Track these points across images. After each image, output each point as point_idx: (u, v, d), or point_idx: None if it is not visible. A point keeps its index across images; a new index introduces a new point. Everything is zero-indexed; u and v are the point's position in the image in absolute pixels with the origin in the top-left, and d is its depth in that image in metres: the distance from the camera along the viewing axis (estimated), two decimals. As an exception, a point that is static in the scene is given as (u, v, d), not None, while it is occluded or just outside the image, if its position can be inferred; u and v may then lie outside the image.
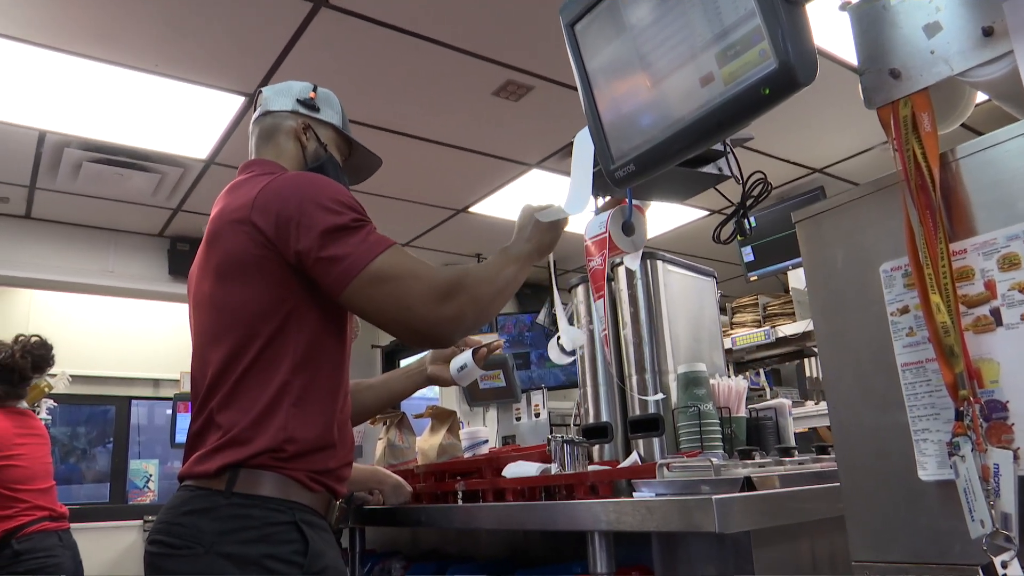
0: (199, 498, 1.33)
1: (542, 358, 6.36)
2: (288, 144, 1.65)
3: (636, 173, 1.26)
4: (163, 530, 1.33)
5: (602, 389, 2.34)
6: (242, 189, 1.48)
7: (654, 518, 1.39)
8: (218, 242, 1.44)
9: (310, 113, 1.70)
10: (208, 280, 1.46)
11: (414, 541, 2.79)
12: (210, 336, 1.43)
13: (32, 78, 3.25)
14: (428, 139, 3.97)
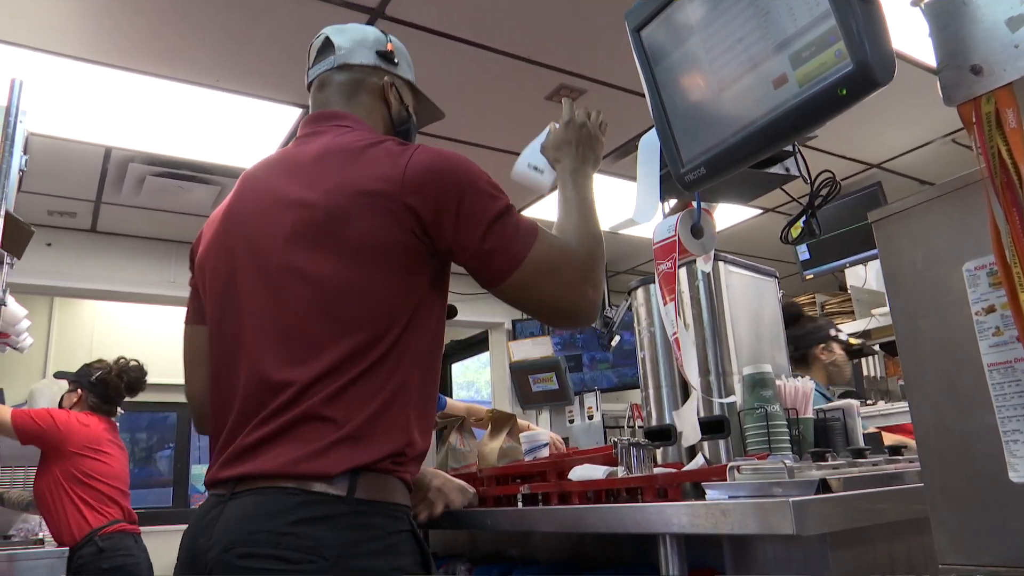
0: (312, 505, 1.14)
1: (594, 360, 6.35)
2: (376, 104, 1.51)
3: (706, 176, 1.27)
4: (266, 541, 1.11)
5: (664, 391, 2.33)
6: (367, 155, 1.31)
7: (728, 521, 1.39)
8: (341, 214, 1.24)
9: (392, 69, 1.56)
10: (319, 254, 1.25)
11: (473, 544, 2.81)
12: (323, 320, 1.23)
13: (99, 96, 3.37)
14: (481, 145, 4.00)
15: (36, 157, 3.16)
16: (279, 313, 1.26)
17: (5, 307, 2.33)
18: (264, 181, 1.39)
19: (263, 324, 1.27)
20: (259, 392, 1.24)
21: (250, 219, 1.35)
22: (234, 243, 1.35)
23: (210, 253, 1.40)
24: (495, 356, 6.60)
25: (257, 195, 1.38)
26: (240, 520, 1.16)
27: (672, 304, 1.55)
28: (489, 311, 6.35)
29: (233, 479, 1.21)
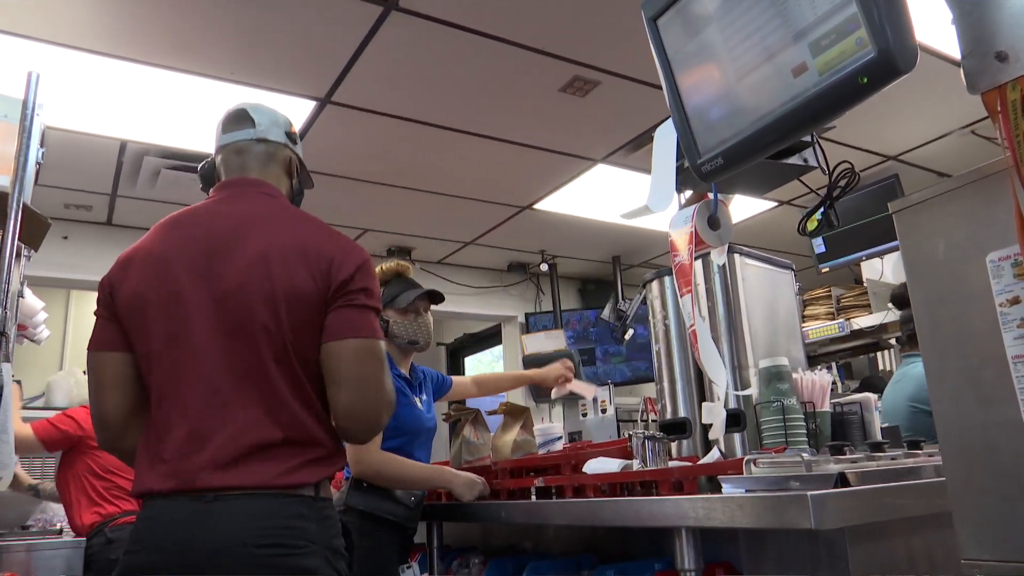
0: (297, 503, 1.43)
1: (608, 354, 6.33)
2: (282, 174, 1.75)
3: (724, 167, 1.26)
4: (274, 534, 1.39)
5: (679, 384, 2.32)
6: (284, 221, 1.60)
7: (745, 515, 1.38)
8: (272, 267, 1.48)
9: (294, 148, 1.79)
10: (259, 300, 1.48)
11: (487, 537, 2.81)
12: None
13: (114, 90, 3.38)
14: (494, 137, 3.99)
15: (52, 151, 3.17)
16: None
17: (23, 299, 2.34)
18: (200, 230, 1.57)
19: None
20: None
21: (196, 264, 1.51)
22: (179, 284, 1.50)
23: (148, 289, 1.53)
24: (508, 349, 6.60)
25: (196, 243, 1.54)
26: (246, 518, 1.38)
27: (689, 296, 1.54)
28: (501, 305, 6.35)
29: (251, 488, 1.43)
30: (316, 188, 4.47)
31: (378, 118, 3.73)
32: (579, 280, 6.83)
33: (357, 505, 2.17)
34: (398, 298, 2.45)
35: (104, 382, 1.55)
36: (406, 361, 2.50)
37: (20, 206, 1.77)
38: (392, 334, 2.42)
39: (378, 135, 3.91)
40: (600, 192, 4.76)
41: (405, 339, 2.45)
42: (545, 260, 6.08)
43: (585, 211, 5.13)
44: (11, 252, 1.73)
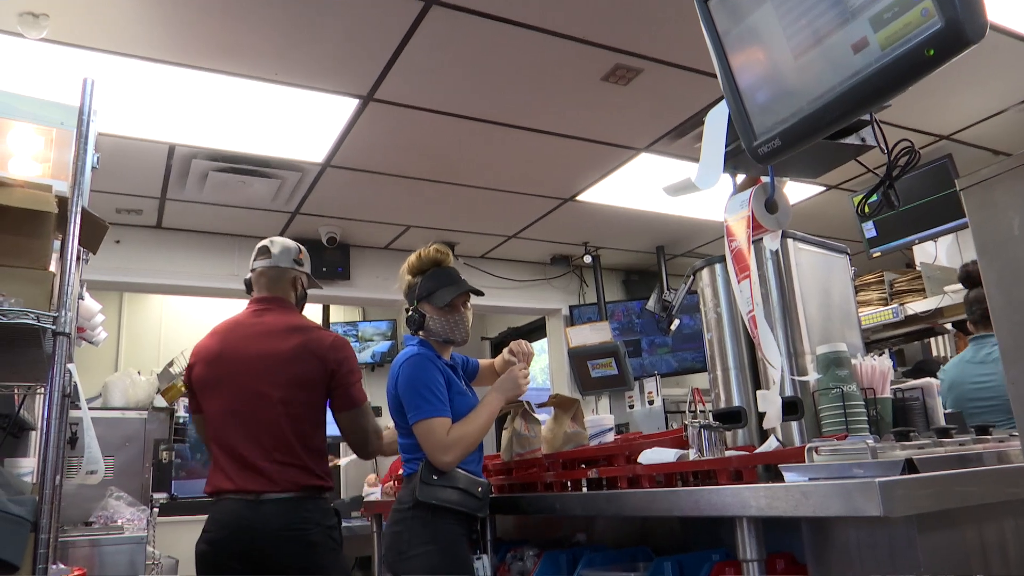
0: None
1: (654, 345, 6.29)
2: (289, 288, 2.59)
3: (782, 148, 1.23)
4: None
5: (733, 373, 2.29)
6: (310, 331, 2.49)
7: (810, 503, 1.35)
8: (292, 360, 2.39)
9: (299, 268, 2.61)
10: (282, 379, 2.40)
11: (539, 530, 2.80)
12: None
13: (162, 94, 3.44)
14: (536, 129, 3.97)
15: (103, 156, 3.22)
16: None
17: (82, 302, 2.39)
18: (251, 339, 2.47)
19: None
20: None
21: (242, 357, 2.43)
22: (231, 370, 2.43)
23: (213, 374, 2.47)
24: (553, 342, 6.58)
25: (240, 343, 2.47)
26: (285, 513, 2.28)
27: (747, 282, 1.51)
28: (545, 297, 6.34)
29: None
30: (360, 186, 4.53)
31: (420, 114, 3.74)
32: (623, 271, 6.78)
33: (430, 499, 2.12)
34: (435, 295, 2.36)
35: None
36: (446, 351, 2.43)
37: (79, 210, 1.81)
38: (428, 329, 2.37)
39: (420, 131, 3.93)
40: (643, 181, 4.71)
41: (441, 336, 2.38)
42: (588, 252, 6.04)
43: (628, 201, 5.08)
44: (72, 255, 1.77)
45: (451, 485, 2.15)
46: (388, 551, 2.19)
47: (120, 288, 5.55)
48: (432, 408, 2.18)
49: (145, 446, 4.39)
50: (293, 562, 2.26)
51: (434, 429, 2.16)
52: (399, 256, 5.90)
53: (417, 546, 2.11)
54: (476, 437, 2.25)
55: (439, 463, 2.15)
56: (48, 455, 1.67)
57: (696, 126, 3.95)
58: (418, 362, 2.26)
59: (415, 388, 2.21)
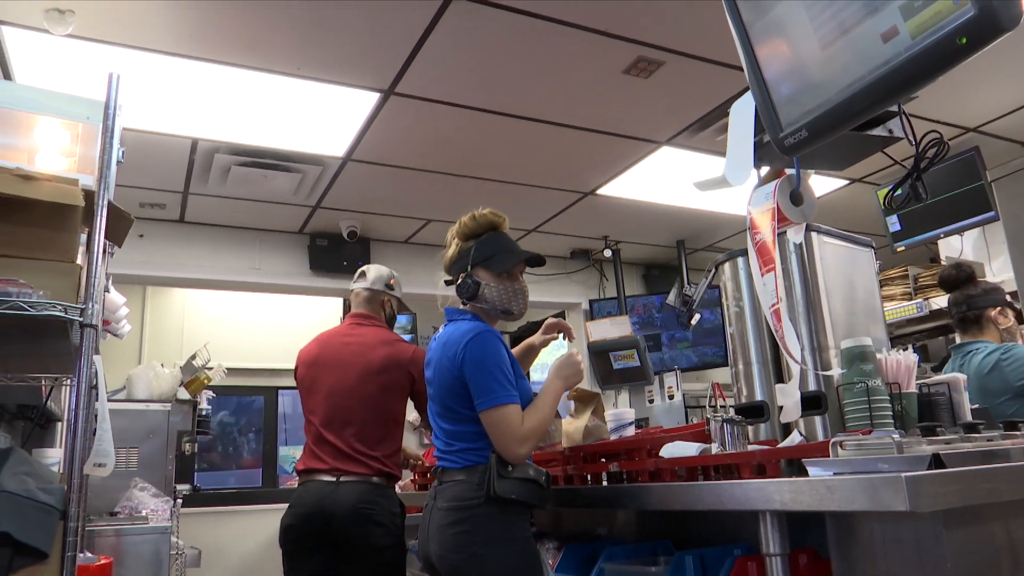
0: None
1: (674, 340, 6.26)
2: (380, 308, 3.00)
3: (808, 139, 1.22)
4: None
5: (755, 367, 2.27)
6: (396, 344, 2.90)
7: (835, 497, 1.34)
8: (381, 372, 2.79)
9: (390, 292, 3.01)
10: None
11: (559, 524, 2.81)
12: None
13: (185, 89, 3.47)
14: (557, 123, 3.96)
15: (127, 151, 3.27)
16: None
17: (107, 295, 2.42)
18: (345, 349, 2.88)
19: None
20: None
21: (342, 365, 2.84)
22: (327, 372, 2.86)
23: (317, 373, 2.88)
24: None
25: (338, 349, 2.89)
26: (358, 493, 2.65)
27: (771, 275, 1.50)
28: (565, 291, 6.33)
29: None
30: (381, 180, 4.53)
31: (440, 108, 3.74)
32: (643, 265, 6.76)
33: (508, 495, 1.91)
34: (494, 259, 2.15)
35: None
36: (494, 327, 2.18)
37: (106, 203, 1.83)
38: (483, 298, 2.13)
39: (440, 125, 3.93)
40: (664, 175, 4.69)
41: (499, 307, 2.15)
42: (608, 246, 6.03)
43: (649, 195, 5.06)
44: (99, 248, 1.79)
45: (524, 477, 1.95)
46: (452, 552, 1.94)
47: (143, 282, 5.60)
48: (506, 394, 1.96)
49: (168, 438, 4.43)
50: (359, 537, 2.61)
51: (510, 418, 1.94)
52: (419, 250, 5.94)
53: (493, 546, 1.90)
54: (545, 428, 2.08)
55: (512, 455, 1.94)
56: (76, 445, 1.70)
57: (718, 119, 3.93)
58: (488, 339, 2.01)
59: (487, 369, 1.96)
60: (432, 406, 2.15)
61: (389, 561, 2.68)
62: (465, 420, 2.01)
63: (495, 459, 1.94)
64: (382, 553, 2.65)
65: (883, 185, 4.67)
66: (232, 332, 6.31)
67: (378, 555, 2.65)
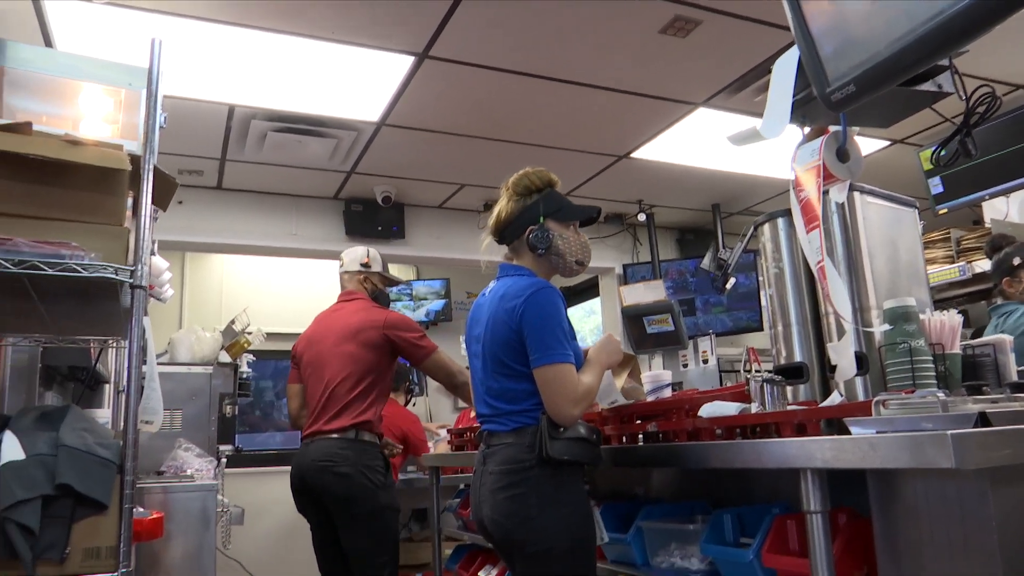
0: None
1: (708, 304, 6.23)
2: (360, 286, 3.31)
3: (856, 94, 1.20)
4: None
5: (795, 329, 2.26)
6: (372, 310, 3.21)
7: (878, 455, 1.34)
8: (355, 335, 3.07)
9: (366, 270, 3.33)
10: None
11: (592, 484, 2.83)
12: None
13: (222, 55, 3.49)
14: (592, 84, 3.93)
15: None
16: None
17: (152, 258, 2.47)
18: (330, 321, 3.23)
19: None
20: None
21: (328, 334, 3.15)
22: (315, 343, 3.19)
23: (305, 348, 3.23)
24: (606, 301, 6.57)
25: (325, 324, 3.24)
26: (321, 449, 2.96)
27: (816, 232, 1.49)
28: (598, 256, 6.29)
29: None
30: (414, 145, 4.54)
31: (474, 71, 3.73)
32: (677, 229, 6.71)
33: (562, 456, 1.87)
34: (564, 211, 2.12)
35: (291, 396, 3.27)
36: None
37: (152, 167, 1.86)
38: (556, 250, 2.09)
39: (474, 88, 3.92)
40: (700, 137, 4.64)
41: (572, 257, 2.11)
42: (643, 210, 5.99)
43: (684, 158, 5.01)
44: (147, 211, 1.83)
45: (576, 437, 1.90)
46: (506, 517, 1.91)
47: (183, 248, 5.70)
48: (564, 352, 1.90)
49: (211, 400, 4.54)
50: (322, 490, 2.88)
51: (567, 376, 1.89)
52: (453, 215, 5.96)
53: (547, 508, 1.87)
54: (593, 398, 2.04)
55: (565, 416, 1.89)
56: (130, 402, 1.75)
57: (756, 79, 3.86)
58: (550, 294, 1.96)
59: (548, 326, 1.91)
60: (478, 364, 2.11)
61: (365, 513, 2.86)
62: (517, 377, 1.96)
63: (546, 420, 1.89)
64: (352, 504, 2.86)
65: (925, 146, 4.57)
66: (269, 297, 6.40)
67: (348, 505, 2.87)
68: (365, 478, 2.87)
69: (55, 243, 1.72)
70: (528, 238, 2.08)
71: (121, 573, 1.68)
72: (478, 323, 2.13)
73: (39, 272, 1.70)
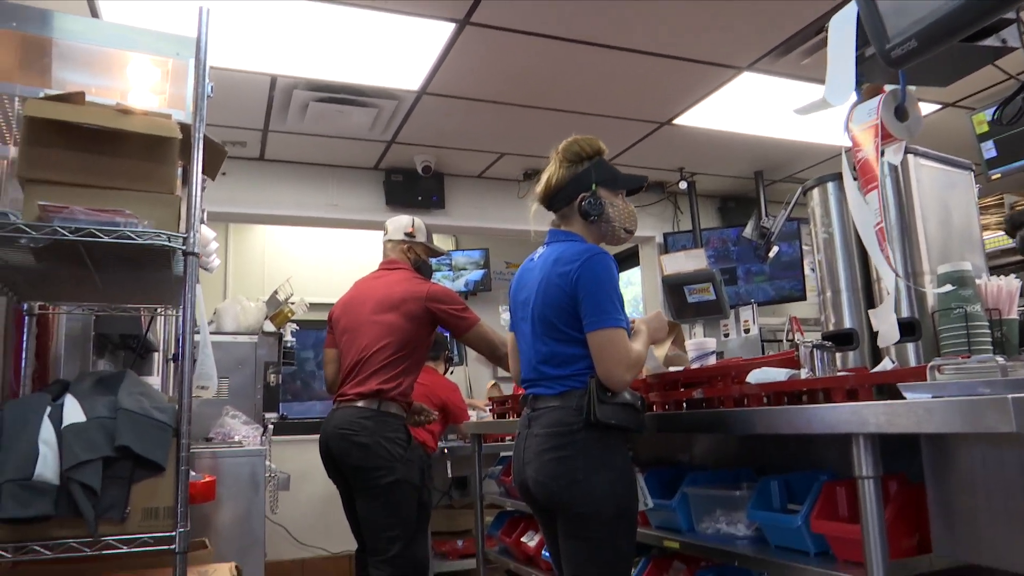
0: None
1: (750, 273, 6.16)
2: (403, 256, 3.28)
3: (917, 50, 1.16)
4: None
5: (844, 295, 2.24)
6: (414, 280, 3.17)
7: (934, 420, 1.32)
8: (397, 306, 3.05)
9: (410, 240, 3.29)
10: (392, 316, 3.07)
11: (638, 451, 2.84)
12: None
13: (265, 25, 3.49)
14: (634, 50, 3.86)
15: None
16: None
17: (202, 226, 2.50)
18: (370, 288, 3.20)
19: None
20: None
21: (366, 301, 3.13)
22: (352, 309, 3.17)
23: (342, 314, 3.22)
24: (646, 270, 6.53)
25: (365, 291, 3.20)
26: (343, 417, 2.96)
27: (875, 193, 1.45)
28: (639, 225, 6.26)
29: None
30: (455, 113, 4.53)
31: (515, 37, 3.69)
32: (719, 198, 6.62)
33: (609, 420, 1.88)
34: (615, 180, 2.17)
35: (328, 361, 3.23)
36: None
37: (202, 136, 1.88)
38: (606, 218, 2.11)
39: (515, 55, 3.88)
40: (744, 103, 4.55)
41: (622, 225, 2.15)
42: (684, 178, 5.91)
43: (727, 124, 4.92)
44: (198, 178, 1.85)
45: (623, 402, 1.91)
46: (552, 478, 1.92)
47: (226, 219, 5.76)
48: (619, 317, 1.91)
49: (256, 369, 4.63)
50: (345, 457, 2.88)
51: (621, 341, 1.90)
52: (492, 184, 5.94)
53: (593, 471, 1.88)
54: (643, 365, 2.06)
55: (616, 380, 1.90)
56: (185, 368, 1.79)
57: (804, 41, 3.77)
58: (606, 259, 1.97)
59: (604, 290, 1.92)
60: (526, 328, 2.10)
61: (380, 485, 2.82)
62: (566, 342, 1.97)
63: (595, 383, 1.90)
64: (367, 474, 2.84)
65: (978, 109, 4.43)
66: (310, 268, 6.47)
67: (364, 475, 2.85)
68: (383, 449, 2.85)
69: (110, 211, 1.76)
70: (580, 205, 2.09)
71: (179, 532, 1.73)
72: (525, 287, 2.14)
73: (95, 239, 1.74)
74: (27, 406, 1.72)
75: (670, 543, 2.18)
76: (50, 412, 1.70)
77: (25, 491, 1.56)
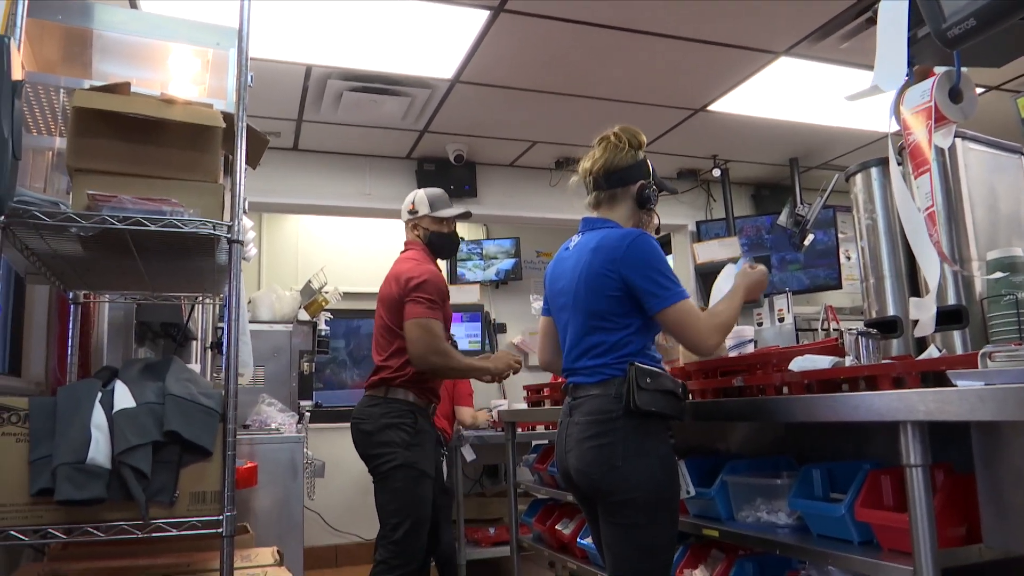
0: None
1: (784, 262, 6.09)
2: (411, 233, 3.22)
3: (976, 29, 1.13)
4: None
5: (888, 282, 2.21)
6: (404, 263, 3.09)
7: (987, 407, 1.30)
8: (391, 292, 3.04)
9: (415, 217, 3.19)
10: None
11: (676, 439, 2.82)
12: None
13: (300, 15, 3.52)
14: (669, 35, 3.82)
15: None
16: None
17: (245, 214, 2.53)
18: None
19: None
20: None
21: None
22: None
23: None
24: (678, 259, 6.48)
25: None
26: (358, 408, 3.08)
27: (926, 176, 1.43)
28: (671, 212, 6.21)
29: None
30: (487, 102, 4.52)
31: (549, 23, 3.67)
32: (753, 185, 6.55)
33: (648, 407, 1.88)
34: (656, 177, 2.19)
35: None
36: None
37: (245, 124, 1.90)
38: (651, 211, 2.16)
39: (548, 42, 3.86)
40: (780, 89, 4.49)
41: (656, 222, 2.20)
42: (717, 165, 5.85)
43: (762, 111, 4.86)
44: (242, 167, 1.87)
45: (662, 389, 1.91)
46: (592, 466, 1.92)
47: (261, 208, 5.82)
48: (681, 290, 1.93)
49: (291, 357, 4.69)
50: (356, 445, 2.97)
51: (694, 311, 1.91)
52: (523, 173, 5.94)
53: (633, 459, 1.88)
54: (732, 327, 2.06)
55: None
56: (230, 354, 1.81)
57: (843, 25, 3.71)
58: (651, 241, 1.98)
59: (658, 268, 1.93)
60: (565, 317, 2.10)
61: (383, 470, 2.86)
62: (611, 329, 1.96)
63: (634, 371, 1.89)
64: (371, 460, 2.92)
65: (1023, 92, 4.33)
66: (343, 257, 6.51)
67: (369, 461, 2.93)
68: (385, 435, 2.86)
69: (156, 200, 1.78)
70: (639, 191, 2.11)
71: (226, 516, 1.76)
72: (561, 277, 2.13)
73: (142, 228, 1.76)
74: (79, 392, 1.76)
75: (709, 531, 2.17)
76: (101, 398, 1.73)
77: (79, 474, 1.60)
